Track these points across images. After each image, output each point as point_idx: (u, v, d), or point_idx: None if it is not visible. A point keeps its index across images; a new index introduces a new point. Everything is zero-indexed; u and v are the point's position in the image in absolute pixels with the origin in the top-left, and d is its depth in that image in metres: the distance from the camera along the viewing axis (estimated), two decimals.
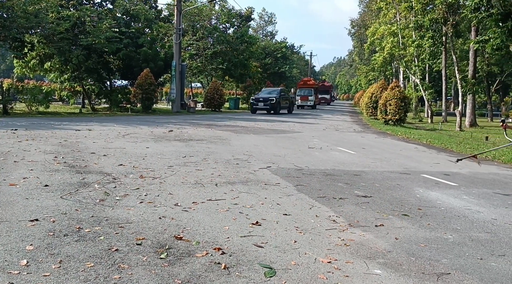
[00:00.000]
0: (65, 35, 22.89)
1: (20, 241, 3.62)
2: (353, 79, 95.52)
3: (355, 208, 5.53)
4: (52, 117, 18.76)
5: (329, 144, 12.87)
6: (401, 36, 30.55)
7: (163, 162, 7.98)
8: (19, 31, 21.47)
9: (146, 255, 3.54)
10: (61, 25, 22.39)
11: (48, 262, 3.25)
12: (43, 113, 21.32)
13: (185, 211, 4.89)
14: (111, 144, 10.07)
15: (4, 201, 4.80)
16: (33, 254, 3.37)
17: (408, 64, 30.40)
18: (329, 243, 4.17)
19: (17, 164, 6.93)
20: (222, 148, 10.54)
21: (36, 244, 3.57)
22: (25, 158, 7.46)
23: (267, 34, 68.62)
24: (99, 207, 4.81)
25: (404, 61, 30.49)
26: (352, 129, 19.63)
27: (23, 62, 25.96)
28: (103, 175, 6.50)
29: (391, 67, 42.86)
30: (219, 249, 3.77)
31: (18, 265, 3.16)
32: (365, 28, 46.42)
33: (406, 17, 30.15)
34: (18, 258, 3.29)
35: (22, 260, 3.24)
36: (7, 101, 20.22)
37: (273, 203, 5.54)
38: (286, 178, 7.24)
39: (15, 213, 4.39)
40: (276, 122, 21.88)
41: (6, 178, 5.88)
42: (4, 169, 6.47)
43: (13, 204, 4.70)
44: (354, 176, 7.83)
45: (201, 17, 35.53)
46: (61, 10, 23.68)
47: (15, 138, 9.81)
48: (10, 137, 9.96)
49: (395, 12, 32.00)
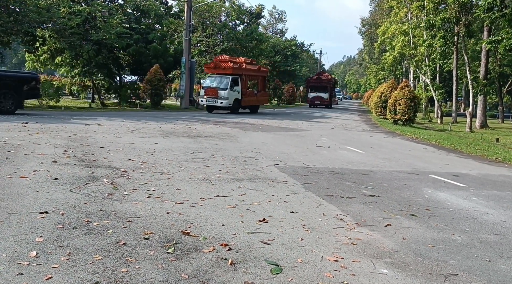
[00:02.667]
0: (76, 30, 23.03)
1: (30, 233, 3.67)
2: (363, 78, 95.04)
3: (363, 207, 5.51)
4: (62, 112, 18.91)
5: (337, 142, 12.83)
6: (412, 35, 30.30)
7: (171, 158, 8.02)
8: (31, 25, 21.63)
9: (153, 249, 3.56)
10: (72, 20, 22.53)
11: (57, 254, 3.29)
12: (54, 107, 21.51)
13: (193, 207, 4.91)
14: (120, 138, 10.14)
15: (15, 193, 4.85)
16: (42, 246, 3.41)
17: (419, 64, 30.16)
18: (336, 241, 4.17)
19: (27, 157, 7.01)
20: (230, 145, 10.55)
21: (46, 236, 3.61)
22: (35, 151, 7.53)
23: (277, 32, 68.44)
24: (108, 201, 4.85)
25: (415, 61, 30.25)
26: (360, 129, 19.55)
27: (35, 57, 26.15)
28: (112, 169, 6.55)
29: (401, 66, 42.56)
30: (226, 245, 3.78)
31: (27, 256, 3.20)
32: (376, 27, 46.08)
33: (417, 16, 29.89)
34: (28, 249, 3.33)
35: (31, 252, 3.28)
36: None
37: (280, 200, 5.54)
38: (294, 175, 7.23)
39: (25, 205, 4.44)
40: (284, 120, 21.86)
41: (17, 170, 5.94)
42: (15, 161, 6.55)
43: (23, 196, 4.75)
44: (362, 175, 7.80)
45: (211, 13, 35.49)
46: (72, 5, 23.83)
47: (26, 132, 9.91)
48: (21, 131, 10.07)
49: (407, 11, 31.74)
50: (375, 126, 21.80)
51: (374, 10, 55.73)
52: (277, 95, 46.52)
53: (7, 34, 21.26)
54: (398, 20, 34.10)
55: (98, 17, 24.37)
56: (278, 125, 17.99)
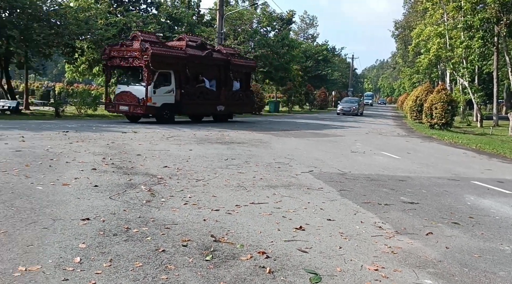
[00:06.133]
0: (112, 41, 23.77)
1: (73, 239, 3.77)
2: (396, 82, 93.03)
3: (402, 215, 5.36)
4: (100, 120, 19.50)
5: (372, 148, 12.59)
6: (448, 37, 29.44)
7: (206, 164, 8.09)
8: (71, 37, 22.50)
9: (191, 256, 3.58)
10: (109, 31, 23.30)
11: (100, 260, 3.37)
12: (91, 116, 22.21)
13: (229, 214, 4.92)
14: (156, 146, 10.33)
15: (58, 200, 5.02)
16: (85, 252, 3.50)
17: (456, 66, 29.22)
18: (376, 250, 4.06)
19: (69, 164, 7.25)
20: (263, 151, 10.55)
21: (88, 243, 3.71)
22: (76, 159, 7.79)
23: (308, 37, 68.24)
24: (146, 208, 4.93)
25: (452, 63, 29.33)
26: (396, 133, 19.12)
27: (74, 67, 27.19)
28: (149, 177, 6.67)
29: (437, 69, 41.36)
30: (263, 253, 3.76)
31: (72, 262, 3.29)
32: (410, 29, 45.09)
33: (454, 17, 29.03)
34: (72, 255, 3.42)
35: (75, 258, 3.37)
36: (58, 104, 21.21)
37: (316, 207, 5.47)
38: (329, 182, 7.13)
39: (68, 211, 4.58)
40: (317, 125, 21.68)
41: (59, 177, 6.15)
42: (57, 169, 6.78)
43: (66, 203, 4.91)
44: (399, 181, 7.61)
45: (243, 21, 35.81)
46: (109, 17, 24.66)
47: (67, 140, 10.27)
48: (62, 139, 10.44)
49: (442, 13, 30.90)
50: (410, 131, 21.27)
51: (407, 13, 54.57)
52: (308, 101, 46.23)
53: (49, 47, 22.20)
54: (434, 22, 33.22)
55: (133, 27, 25.06)
56: (311, 131, 17.85)
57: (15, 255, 3.36)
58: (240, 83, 21.78)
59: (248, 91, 22.60)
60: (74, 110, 23.32)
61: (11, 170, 6.41)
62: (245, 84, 22.44)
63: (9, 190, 5.29)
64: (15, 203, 4.77)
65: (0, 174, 6.11)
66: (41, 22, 20.81)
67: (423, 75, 45.23)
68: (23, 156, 7.70)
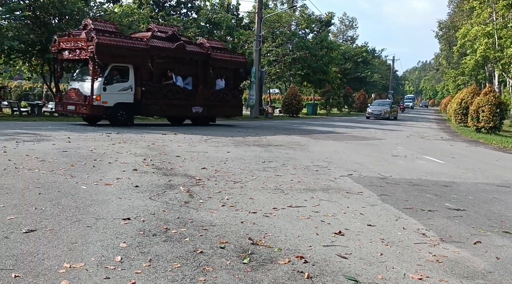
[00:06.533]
0: None
1: (115, 238, 3.86)
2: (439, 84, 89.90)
3: (447, 222, 5.12)
4: (140, 122, 20.03)
5: (414, 152, 12.19)
6: (497, 37, 28.12)
7: (243, 167, 8.10)
8: None
9: (229, 259, 3.57)
10: None
11: (139, 260, 3.42)
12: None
13: (266, 217, 4.88)
14: (194, 147, 10.47)
15: (101, 199, 5.17)
16: (126, 251, 3.56)
17: (506, 67, 27.87)
18: (419, 258, 3.89)
19: (111, 165, 7.46)
20: (301, 154, 10.45)
21: (129, 242, 3.78)
22: (118, 159, 8.01)
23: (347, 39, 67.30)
24: (185, 209, 4.98)
25: (501, 64, 28.00)
26: (439, 137, 18.44)
27: None
28: (188, 178, 6.75)
29: (484, 71, 39.63)
30: (302, 258, 3.69)
31: (113, 261, 3.35)
32: (455, 29, 43.43)
33: (504, 16, 27.71)
34: (114, 254, 3.49)
35: (116, 257, 3.43)
36: None
37: (356, 212, 5.33)
38: (369, 186, 6.95)
39: (110, 211, 4.70)
40: (356, 128, 21.28)
41: (102, 178, 6.34)
42: (100, 169, 7.00)
43: (108, 202, 5.04)
44: (443, 187, 7.30)
45: (281, 23, 35.82)
46: (151, 21, 25.32)
47: (110, 141, 10.60)
48: (105, 140, 10.79)
49: (491, 11, 29.57)
50: (455, 135, 20.45)
51: (453, 12, 52.63)
52: (347, 103, 45.56)
53: None
54: (481, 21, 31.85)
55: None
56: (349, 134, 17.53)
57: (60, 252, 3.47)
58: (226, 82, 18.72)
59: (235, 91, 19.40)
60: None
61: (58, 170, 6.67)
62: (233, 83, 19.32)
63: (56, 189, 5.50)
64: (61, 201, 4.95)
65: (48, 173, 6.37)
66: None
67: (469, 77, 43.44)
68: (69, 156, 8.01)
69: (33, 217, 4.32)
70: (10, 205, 4.69)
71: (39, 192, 5.29)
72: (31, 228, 3.96)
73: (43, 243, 3.65)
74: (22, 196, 5.08)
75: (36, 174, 6.32)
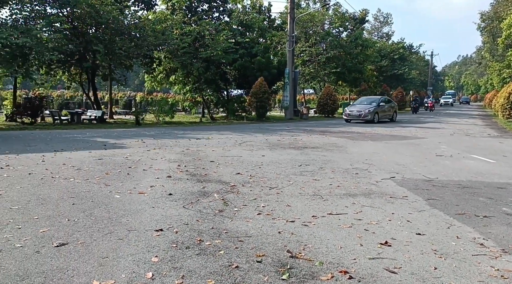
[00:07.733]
0: (187, 50, 24.58)
1: (146, 252, 3.68)
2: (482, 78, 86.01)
3: (507, 230, 4.63)
4: (176, 127, 20.17)
5: (460, 150, 11.48)
6: None
7: (279, 171, 7.82)
8: (149, 48, 23.66)
9: (266, 274, 3.30)
10: (184, 41, 24.12)
11: (172, 276, 3.21)
12: (168, 123, 23.08)
13: (305, 226, 4.58)
14: (229, 152, 10.29)
15: (134, 209, 5.03)
16: (157, 267, 3.37)
17: None
18: (480, 273, 3.48)
19: (145, 172, 7.38)
20: (339, 156, 10.04)
21: (161, 256, 3.59)
22: (152, 166, 7.93)
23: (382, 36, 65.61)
24: (219, 218, 4.76)
25: None
26: (486, 134, 17.42)
27: (152, 77, 28.57)
28: (222, 184, 6.55)
29: None
30: (346, 272, 3.37)
31: (144, 278, 3.17)
32: (499, 20, 41.31)
33: None
34: (145, 270, 3.31)
35: (148, 273, 3.25)
36: (139, 113, 22.39)
37: (402, 219, 4.93)
38: (414, 190, 6.49)
39: (143, 222, 4.55)
40: (395, 128, 20.52)
41: (136, 186, 6.24)
42: (134, 177, 6.92)
43: (141, 212, 4.90)
44: (497, 189, 6.72)
45: (314, 23, 35.27)
46: (184, 27, 25.54)
47: (145, 148, 10.60)
48: (140, 147, 10.81)
49: None
50: (503, 131, 19.29)
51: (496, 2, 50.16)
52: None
53: (129, 58, 23.53)
54: None
55: (206, 36, 25.71)
56: (389, 133, 16.87)
57: (90, 267, 3.32)
58: None
59: None
60: (152, 118, 24.42)
61: (92, 178, 6.64)
62: None
63: (89, 198, 5.43)
64: (94, 212, 4.85)
65: (83, 183, 6.34)
66: (123, 35, 22.10)
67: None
68: (104, 164, 8.00)
69: (65, 229, 4.23)
70: (44, 216, 4.63)
71: (73, 202, 5.23)
72: (63, 242, 3.86)
73: (73, 258, 3.52)
74: (57, 207, 5.03)
75: (71, 183, 6.31)
